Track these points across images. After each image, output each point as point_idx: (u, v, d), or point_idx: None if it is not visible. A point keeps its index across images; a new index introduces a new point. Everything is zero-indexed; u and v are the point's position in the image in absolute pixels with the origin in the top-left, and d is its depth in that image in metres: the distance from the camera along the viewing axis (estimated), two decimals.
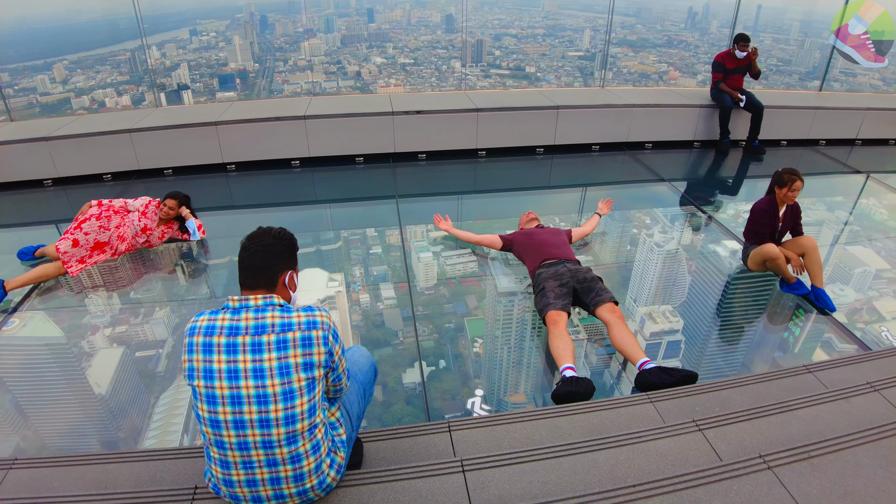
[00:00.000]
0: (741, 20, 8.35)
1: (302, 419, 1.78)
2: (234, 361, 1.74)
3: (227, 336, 1.76)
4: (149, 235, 4.55)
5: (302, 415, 1.78)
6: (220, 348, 1.75)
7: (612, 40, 8.06)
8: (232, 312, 1.81)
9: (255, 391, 1.73)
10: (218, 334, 1.77)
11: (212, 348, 1.75)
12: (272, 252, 1.90)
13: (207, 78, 7.70)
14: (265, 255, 1.89)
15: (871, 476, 2.07)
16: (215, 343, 1.76)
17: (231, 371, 1.74)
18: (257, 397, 1.73)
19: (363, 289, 4.30)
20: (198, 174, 6.19)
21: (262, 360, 1.74)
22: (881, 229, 5.73)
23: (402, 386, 3.29)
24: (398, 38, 8.49)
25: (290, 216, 5.71)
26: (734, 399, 2.74)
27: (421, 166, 6.59)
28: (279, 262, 1.91)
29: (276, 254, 1.91)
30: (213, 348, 1.75)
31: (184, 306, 4.17)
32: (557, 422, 2.53)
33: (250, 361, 1.74)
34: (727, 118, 7.09)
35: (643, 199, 6.22)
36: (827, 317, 3.95)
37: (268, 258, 1.89)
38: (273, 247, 1.91)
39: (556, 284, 3.59)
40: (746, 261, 4.28)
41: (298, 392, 1.77)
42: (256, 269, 1.87)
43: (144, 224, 4.52)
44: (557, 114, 6.74)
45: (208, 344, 1.76)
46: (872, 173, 7.17)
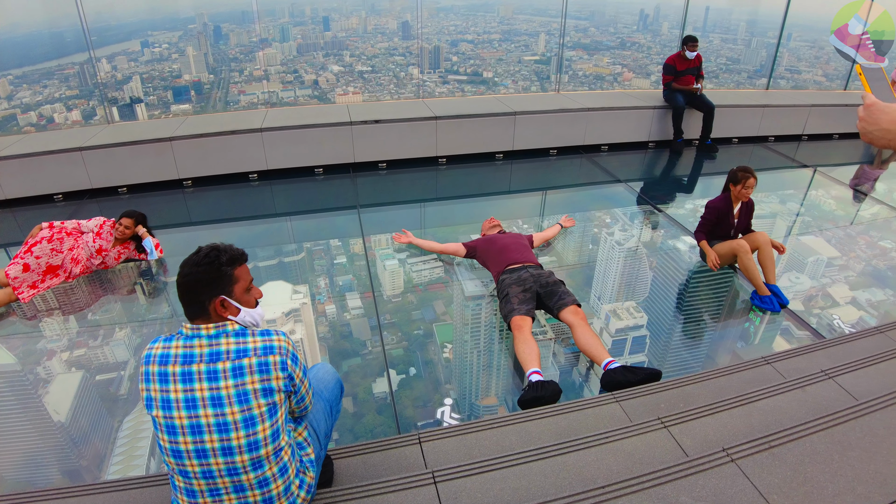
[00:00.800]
0: (691, 21, 8.60)
1: (265, 444, 1.74)
2: (191, 390, 1.69)
3: (182, 364, 1.71)
4: (104, 256, 4.41)
5: (265, 440, 1.74)
6: (175, 377, 1.70)
7: (566, 44, 8.20)
8: (185, 339, 1.75)
9: (214, 419, 1.69)
10: (172, 363, 1.72)
11: (167, 377, 1.70)
12: (190, 284, 1.78)
13: (161, 90, 7.51)
14: (184, 290, 1.78)
15: (827, 462, 2.14)
16: (170, 372, 1.71)
17: (189, 400, 1.69)
18: (217, 426, 1.69)
19: (329, 300, 4.26)
20: (153, 191, 6.03)
21: (220, 388, 1.69)
22: (830, 219, 5.98)
23: (372, 396, 3.27)
24: (355, 46, 8.45)
25: (251, 230, 5.61)
26: (697, 394, 2.81)
27: (381, 175, 6.57)
28: (201, 293, 1.78)
29: (194, 284, 1.78)
30: (168, 377, 1.70)
31: (145, 326, 4.05)
32: (526, 427, 2.55)
33: (207, 389, 1.69)
34: (680, 118, 7.29)
35: (602, 199, 6.33)
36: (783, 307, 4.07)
37: (187, 291, 1.78)
38: (190, 277, 1.78)
39: (520, 290, 3.62)
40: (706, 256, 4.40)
41: (259, 418, 1.73)
42: (185, 303, 1.80)
43: (99, 245, 4.38)
44: (515, 120, 6.81)
45: (164, 373, 1.71)
46: (819, 167, 7.47)
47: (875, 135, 1.23)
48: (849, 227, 5.83)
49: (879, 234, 5.58)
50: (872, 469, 2.11)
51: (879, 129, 1.22)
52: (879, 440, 2.25)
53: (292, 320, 3.98)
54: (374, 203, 6.07)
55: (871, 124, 1.23)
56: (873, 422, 2.35)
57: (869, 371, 2.90)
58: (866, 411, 2.40)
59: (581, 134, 7.22)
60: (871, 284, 4.62)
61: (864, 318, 4.16)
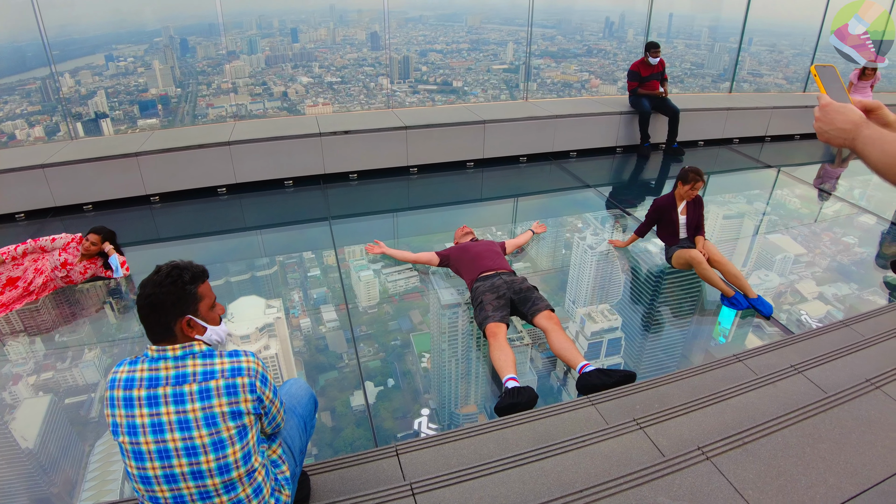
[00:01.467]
0: (655, 28, 8.79)
1: (237, 467, 1.70)
2: (157, 414, 1.64)
3: (148, 388, 1.66)
4: (69, 270, 4.29)
5: (236, 463, 1.70)
6: (140, 402, 1.65)
7: (534, 52, 8.30)
8: (150, 362, 1.70)
9: (182, 444, 1.64)
10: (138, 387, 1.66)
11: (132, 402, 1.65)
12: (153, 305, 1.72)
13: (127, 105, 7.37)
14: (147, 311, 1.72)
15: (799, 455, 2.17)
16: (136, 396, 1.65)
17: (155, 425, 1.64)
18: (186, 450, 1.64)
19: (303, 313, 4.20)
20: (120, 208, 5.90)
21: (186, 411, 1.65)
22: (795, 217, 6.13)
23: (350, 410, 3.22)
24: (324, 57, 8.42)
25: (221, 245, 5.52)
26: (671, 394, 2.83)
27: (352, 186, 6.54)
28: (165, 313, 1.72)
29: (158, 305, 1.72)
30: (133, 402, 1.65)
31: (115, 346, 3.94)
32: (504, 434, 2.54)
33: (174, 413, 1.64)
34: (646, 123, 7.42)
35: (572, 205, 6.40)
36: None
37: (150, 313, 1.72)
38: (153, 297, 1.71)
39: (494, 297, 3.62)
40: (670, 260, 4.48)
41: (229, 441, 1.68)
42: (147, 325, 1.73)
43: (65, 258, 4.26)
44: (485, 128, 6.85)
45: (128, 398, 1.66)
46: (783, 167, 7.67)
47: (831, 134, 1.25)
48: (813, 224, 5.98)
49: (842, 231, 5.74)
50: (843, 460, 2.15)
51: (835, 129, 1.24)
52: (848, 431, 2.30)
53: (266, 335, 3.92)
54: (346, 214, 6.03)
55: (827, 124, 1.25)
56: (842, 414, 2.41)
57: (836, 364, 2.96)
58: (835, 404, 2.46)
59: (550, 141, 7.29)
60: (837, 279, 4.74)
61: (831, 312, 4.25)
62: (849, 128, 1.21)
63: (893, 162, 1.09)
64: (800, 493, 2.00)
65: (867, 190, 7.02)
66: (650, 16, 8.50)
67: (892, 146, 1.09)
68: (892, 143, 1.10)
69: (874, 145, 1.14)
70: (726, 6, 9.84)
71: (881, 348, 3.15)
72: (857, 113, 1.22)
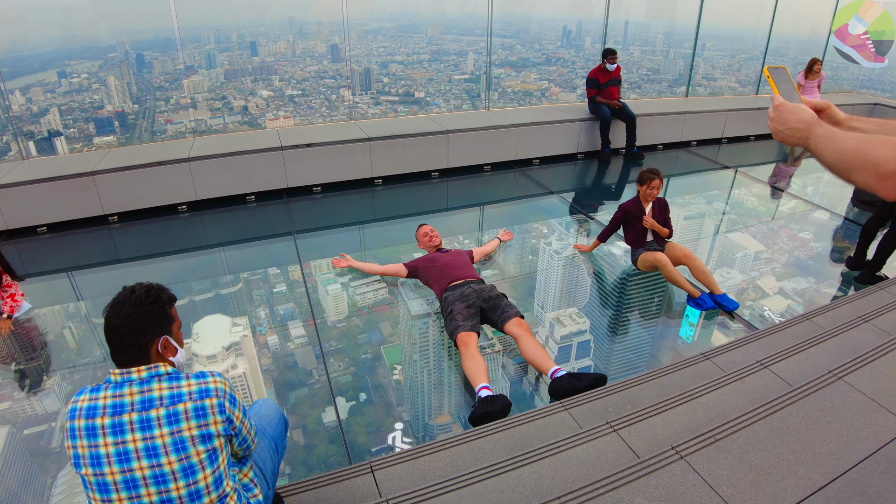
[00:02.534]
0: (612, 35, 8.97)
1: (208, 493, 1.64)
2: (123, 443, 1.57)
3: (112, 415, 1.59)
4: None
5: (207, 489, 1.63)
6: (104, 430, 1.57)
7: (494, 62, 8.38)
8: (114, 388, 1.63)
9: (150, 471, 1.57)
10: (101, 415, 1.59)
11: (96, 431, 1.57)
12: (133, 325, 1.66)
13: (82, 122, 7.14)
14: (126, 331, 1.66)
15: (770, 448, 2.21)
16: (99, 425, 1.58)
17: (121, 454, 1.57)
18: (154, 478, 1.57)
19: (270, 330, 4.11)
20: (76, 229, 5.69)
21: (154, 437, 1.58)
22: (754, 215, 6.31)
23: (323, 426, 3.16)
24: (284, 70, 8.33)
25: (183, 264, 5.38)
26: (643, 395, 2.85)
27: (316, 199, 6.46)
28: (144, 334, 1.68)
29: (138, 325, 1.67)
30: (97, 431, 1.57)
31: (76, 372, 3.78)
32: (479, 444, 2.51)
33: (141, 440, 1.57)
34: (607, 129, 7.56)
35: (537, 211, 6.45)
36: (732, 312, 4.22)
37: (128, 333, 1.66)
38: (133, 318, 1.66)
39: (464, 306, 3.61)
40: (636, 263, 4.54)
41: (199, 466, 1.62)
42: (122, 347, 1.66)
43: None
44: (448, 138, 6.87)
45: (91, 427, 1.58)
46: (739, 167, 7.89)
47: (785, 134, 1.28)
48: (771, 222, 6.16)
49: (799, 227, 5.93)
50: (811, 450, 2.19)
51: (789, 129, 1.27)
52: (814, 422, 2.35)
53: (233, 354, 3.82)
54: (311, 228, 5.95)
55: (781, 124, 1.28)
56: (807, 405, 2.46)
57: (800, 357, 3.04)
58: (800, 396, 2.51)
59: (513, 149, 7.36)
60: (796, 274, 4.87)
61: (792, 307, 4.37)
62: (802, 127, 1.24)
63: (846, 159, 1.11)
64: (772, 486, 2.02)
65: (819, 187, 7.27)
66: (607, 24, 8.68)
67: (845, 144, 1.12)
68: (844, 140, 1.13)
69: (827, 144, 1.17)
70: (679, 13, 10.13)
71: (841, 339, 3.24)
72: (809, 112, 1.25)
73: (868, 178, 1.07)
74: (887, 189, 1.04)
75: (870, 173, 1.06)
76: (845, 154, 1.11)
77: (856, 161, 1.09)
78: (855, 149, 1.09)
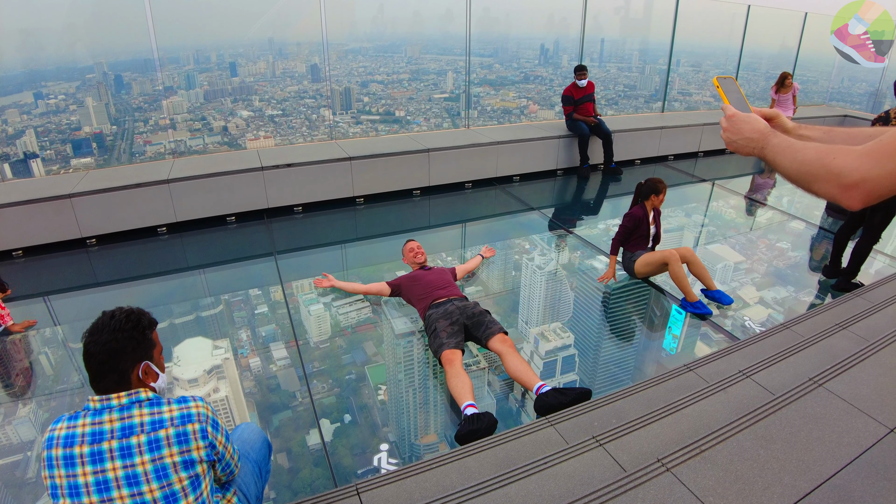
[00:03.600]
0: (588, 53, 9.13)
1: None
2: (103, 471, 1.53)
3: (91, 444, 1.55)
4: None
5: None
6: (83, 459, 1.53)
7: (473, 80, 8.47)
8: (93, 415, 1.59)
9: (131, 500, 1.53)
10: (79, 443, 1.54)
11: (74, 460, 1.53)
12: (112, 351, 1.64)
13: (59, 144, 7.04)
14: (105, 357, 1.63)
15: (755, 458, 2.21)
16: (77, 454, 1.53)
17: (100, 483, 1.52)
18: None
19: (252, 352, 4.05)
20: (53, 252, 5.58)
21: (135, 465, 1.54)
22: (732, 227, 6.42)
23: (307, 449, 3.10)
24: (264, 90, 8.33)
25: (163, 287, 5.29)
26: (628, 408, 2.86)
27: (298, 219, 6.43)
28: (124, 360, 1.65)
29: (118, 352, 1.64)
30: (75, 460, 1.53)
31: (53, 399, 3.68)
32: (465, 462, 2.49)
33: (121, 468, 1.53)
34: (585, 145, 7.66)
35: (519, 227, 6.49)
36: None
37: (108, 359, 1.63)
38: (112, 343, 1.64)
39: (447, 323, 3.60)
40: (632, 267, 4.60)
41: (182, 493, 1.58)
42: (101, 373, 1.63)
43: None
44: (429, 156, 6.91)
45: (69, 456, 1.54)
46: (716, 180, 8.03)
47: (739, 143, 1.29)
48: (749, 233, 6.26)
49: (776, 237, 6.03)
50: (795, 458, 2.21)
51: (743, 139, 1.27)
52: (797, 430, 2.37)
53: (215, 377, 3.76)
54: (292, 248, 5.91)
55: (735, 133, 1.29)
56: (790, 413, 2.48)
57: (781, 366, 3.07)
58: (783, 404, 2.53)
59: (493, 166, 7.42)
60: (775, 283, 4.94)
61: (773, 316, 4.43)
62: (756, 136, 1.24)
63: (805, 169, 1.11)
64: (758, 495, 2.03)
65: (795, 197, 7.41)
66: (583, 41, 8.83)
67: (805, 154, 1.12)
68: (801, 150, 1.13)
69: (784, 154, 1.17)
70: (653, 30, 10.36)
71: (820, 347, 3.29)
72: (762, 122, 1.26)
73: (830, 188, 1.06)
74: (850, 199, 1.04)
75: (832, 184, 1.05)
76: (805, 164, 1.11)
77: (817, 171, 1.08)
78: (815, 159, 1.09)
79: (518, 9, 9.81)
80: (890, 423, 2.42)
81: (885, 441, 2.32)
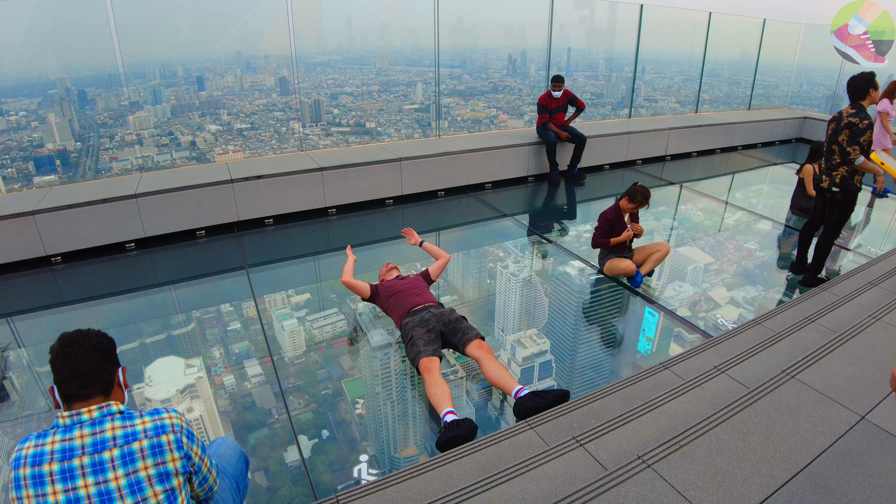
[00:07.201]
0: (555, 62, 9.27)
1: None
2: (74, 489, 1.47)
3: (61, 461, 1.49)
4: None
5: None
6: (53, 477, 1.47)
7: (442, 91, 8.51)
8: (63, 431, 1.53)
9: None
10: (49, 461, 1.48)
11: (43, 479, 1.47)
12: (101, 352, 1.61)
13: (20, 162, 6.84)
14: (95, 356, 1.59)
15: (733, 450, 2.24)
16: (47, 472, 1.47)
17: (71, 501, 1.47)
18: None
19: (226, 370, 3.96)
20: (16, 272, 5.39)
21: (108, 481, 1.49)
22: (701, 229, 6.52)
23: (285, 467, 3.04)
24: (232, 104, 8.23)
25: (132, 304, 5.15)
26: (606, 408, 2.86)
27: (269, 232, 6.35)
28: (110, 362, 1.65)
29: (105, 353, 1.63)
30: (44, 479, 1.47)
31: (18, 426, 3.53)
32: (447, 469, 2.46)
33: (93, 485, 1.48)
34: (554, 152, 7.76)
35: (492, 235, 6.51)
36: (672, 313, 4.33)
37: (98, 359, 1.60)
38: (100, 346, 1.62)
39: (424, 331, 3.58)
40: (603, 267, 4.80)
41: None
42: (88, 374, 1.58)
43: None
44: (401, 165, 6.90)
45: (38, 475, 1.47)
46: (684, 183, 8.18)
47: None
48: (717, 234, 6.37)
49: (744, 238, 6.15)
50: (772, 448, 2.24)
51: None
52: (772, 421, 2.40)
53: (189, 397, 3.66)
54: (264, 261, 5.83)
55: None
56: (765, 405, 2.51)
57: (754, 360, 3.12)
58: (758, 397, 2.57)
59: (465, 174, 7.45)
60: (744, 283, 5.04)
61: (743, 314, 4.50)
62: None
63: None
64: (738, 487, 2.04)
65: (760, 199, 7.59)
66: (550, 51, 8.96)
67: None
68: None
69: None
70: (618, 39, 10.56)
71: (790, 340, 3.35)
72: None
73: None
74: None
75: None
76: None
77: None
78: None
79: (485, 20, 9.90)
80: (861, 411, 2.48)
81: (857, 428, 2.37)
